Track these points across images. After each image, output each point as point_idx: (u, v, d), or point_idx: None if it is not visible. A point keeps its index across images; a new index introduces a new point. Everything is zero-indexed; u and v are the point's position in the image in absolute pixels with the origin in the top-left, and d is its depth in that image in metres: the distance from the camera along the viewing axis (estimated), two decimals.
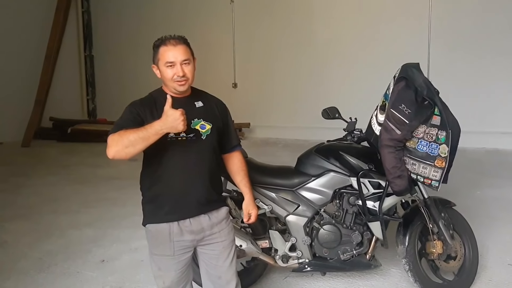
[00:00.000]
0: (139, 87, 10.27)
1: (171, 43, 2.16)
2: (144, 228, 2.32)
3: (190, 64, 2.19)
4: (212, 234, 2.28)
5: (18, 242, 4.15)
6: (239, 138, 2.53)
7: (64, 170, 7.08)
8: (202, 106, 2.29)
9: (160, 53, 2.17)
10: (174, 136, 2.16)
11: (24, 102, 9.75)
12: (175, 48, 2.15)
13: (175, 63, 2.15)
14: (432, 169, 2.60)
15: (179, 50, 2.16)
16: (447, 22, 7.80)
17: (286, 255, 3.00)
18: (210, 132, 2.25)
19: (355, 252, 2.96)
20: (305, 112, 8.77)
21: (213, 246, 2.29)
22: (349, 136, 3.20)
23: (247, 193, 2.48)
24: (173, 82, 2.18)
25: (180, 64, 2.16)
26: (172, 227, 2.21)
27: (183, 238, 2.22)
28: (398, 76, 2.68)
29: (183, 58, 2.16)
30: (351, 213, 2.98)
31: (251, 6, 9.52)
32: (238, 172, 2.48)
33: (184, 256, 2.26)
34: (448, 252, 2.98)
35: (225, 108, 2.43)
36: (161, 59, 2.17)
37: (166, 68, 2.16)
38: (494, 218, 4.36)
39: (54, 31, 10.33)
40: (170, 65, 2.16)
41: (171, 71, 2.16)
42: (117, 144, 1.97)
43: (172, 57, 2.15)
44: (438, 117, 2.61)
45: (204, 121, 2.26)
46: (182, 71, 2.16)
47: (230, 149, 2.46)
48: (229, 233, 2.35)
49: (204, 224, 2.25)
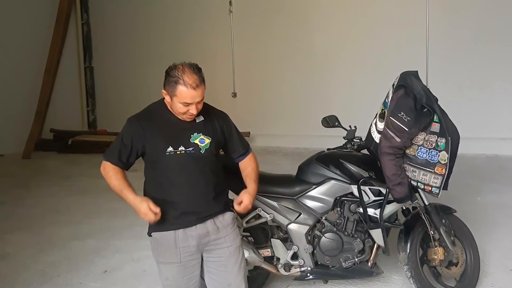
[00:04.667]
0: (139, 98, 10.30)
1: (192, 86, 2.14)
2: (147, 239, 2.35)
3: (202, 100, 2.24)
4: (218, 239, 2.30)
5: (20, 254, 4.15)
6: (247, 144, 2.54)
7: (65, 181, 7.08)
8: (202, 121, 2.33)
9: (178, 91, 2.15)
10: (172, 150, 2.22)
11: (24, 114, 9.76)
12: (195, 91, 2.16)
13: (191, 104, 2.19)
14: (432, 176, 2.62)
15: (198, 92, 2.17)
16: (445, 29, 7.84)
17: (288, 263, 3.00)
18: (209, 146, 2.29)
19: (357, 260, 2.97)
20: (304, 120, 8.78)
21: (219, 252, 2.31)
22: (349, 144, 3.22)
23: (250, 184, 2.43)
24: (182, 115, 2.24)
25: (195, 104, 2.20)
26: (178, 233, 2.24)
27: (188, 243, 2.24)
28: (397, 84, 2.71)
29: (200, 98, 2.20)
30: (352, 221, 2.99)
31: (249, 16, 9.56)
32: (245, 168, 2.50)
33: (191, 262, 2.28)
34: (449, 259, 2.98)
35: (227, 119, 2.46)
36: (179, 97, 2.17)
37: (181, 105, 2.19)
38: (495, 224, 4.37)
39: (54, 43, 10.37)
40: (186, 104, 2.19)
41: (185, 108, 2.20)
42: (105, 177, 2.30)
43: (190, 99, 2.17)
44: (438, 124, 2.63)
45: (204, 135, 2.29)
46: (196, 109, 2.21)
47: (238, 157, 2.49)
48: (234, 238, 2.37)
49: (210, 228, 2.28)
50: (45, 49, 10.26)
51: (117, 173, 2.27)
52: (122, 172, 2.30)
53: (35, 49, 10.13)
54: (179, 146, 2.22)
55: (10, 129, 9.40)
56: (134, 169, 2.26)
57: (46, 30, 10.33)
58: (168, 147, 2.21)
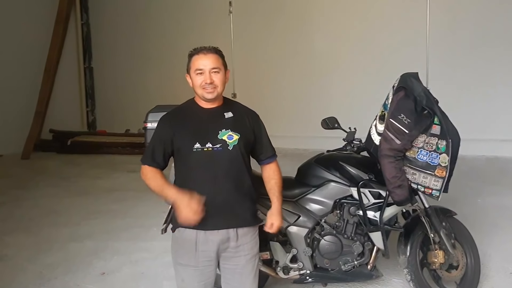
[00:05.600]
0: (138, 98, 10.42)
1: (203, 52, 2.26)
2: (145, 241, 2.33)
3: (219, 73, 2.25)
4: (237, 246, 2.28)
5: (17, 255, 4.13)
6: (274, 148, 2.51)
7: (64, 182, 7.06)
8: (232, 117, 2.31)
9: (192, 61, 2.27)
10: (200, 147, 2.21)
11: (24, 115, 9.74)
12: (206, 56, 2.24)
13: (204, 71, 2.23)
14: (433, 179, 2.60)
15: (209, 58, 2.24)
16: (446, 31, 7.82)
17: (287, 266, 2.98)
18: (237, 142, 2.25)
19: (357, 263, 2.95)
20: (304, 121, 8.76)
21: (237, 260, 2.29)
22: (349, 146, 3.20)
23: (275, 202, 2.44)
24: (201, 89, 2.24)
25: (209, 72, 2.22)
26: (199, 235, 2.23)
27: (208, 247, 2.23)
28: (397, 86, 2.69)
29: (212, 66, 2.23)
30: (352, 224, 2.97)
31: (249, 17, 9.55)
32: (268, 180, 2.47)
33: (208, 268, 2.27)
34: (450, 262, 2.96)
35: (257, 119, 2.45)
36: (192, 67, 2.26)
37: (196, 76, 2.25)
38: (495, 226, 4.35)
39: (54, 43, 10.36)
40: (199, 73, 2.24)
41: (200, 78, 2.23)
42: (145, 181, 2.30)
43: (202, 65, 2.23)
44: (438, 126, 2.61)
45: (232, 132, 2.27)
46: (210, 78, 2.22)
47: (264, 159, 2.46)
48: (253, 247, 2.35)
49: (231, 234, 2.26)
50: (44, 49, 10.25)
51: (155, 174, 2.28)
52: (160, 173, 2.31)
53: (34, 49, 10.12)
54: (206, 143, 2.21)
55: (9, 129, 9.38)
56: (132, 169, 2.24)
57: (46, 30, 10.32)
58: (195, 143, 2.21)
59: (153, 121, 3.00)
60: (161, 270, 3.72)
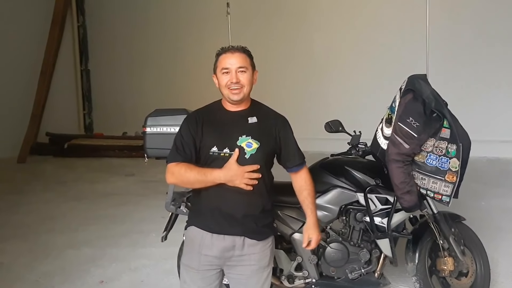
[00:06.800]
0: (135, 101, 10.33)
1: (230, 51, 2.19)
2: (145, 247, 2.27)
3: (246, 73, 2.18)
4: (242, 255, 2.18)
5: (14, 264, 4.03)
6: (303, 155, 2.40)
7: (61, 186, 6.96)
8: (256, 123, 2.21)
9: (219, 60, 2.20)
10: (217, 151, 2.13)
11: (20, 118, 9.65)
12: (233, 55, 2.17)
13: (230, 70, 2.15)
14: (443, 184, 2.52)
15: (236, 57, 2.17)
16: (446, 31, 7.76)
17: (292, 275, 2.89)
18: (255, 151, 2.15)
19: (364, 271, 2.85)
20: (304, 123, 8.64)
21: (241, 269, 2.20)
22: (354, 150, 3.11)
23: (309, 215, 2.35)
24: (227, 90, 2.16)
25: (235, 71, 2.14)
26: (205, 237, 2.16)
27: (211, 252, 2.16)
28: (405, 88, 2.61)
29: (239, 65, 2.16)
30: (358, 230, 2.88)
31: (247, 18, 9.47)
32: (300, 192, 2.38)
33: (209, 273, 2.19)
34: (459, 269, 2.88)
35: (285, 124, 2.33)
36: (219, 66, 2.19)
37: (222, 75, 2.17)
38: (501, 229, 4.27)
39: (50, 45, 10.27)
40: (226, 72, 2.16)
41: (226, 77, 2.15)
42: (177, 178, 2.15)
43: (228, 64, 2.15)
44: (447, 129, 2.53)
45: (252, 139, 2.16)
46: (236, 78, 2.14)
47: (292, 167, 2.36)
48: (261, 259, 2.23)
49: (238, 242, 2.17)
50: (40, 52, 10.16)
51: (188, 165, 2.13)
52: (193, 164, 2.15)
53: (30, 51, 10.03)
54: (224, 148, 2.13)
55: (5, 133, 9.29)
56: (130, 173, 2.14)
57: (42, 32, 10.24)
58: (213, 146, 2.13)
59: (152, 125, 2.92)
60: (161, 278, 3.64)
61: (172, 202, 2.90)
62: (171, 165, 2.15)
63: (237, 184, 2.08)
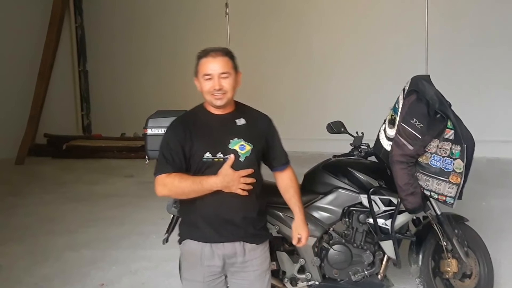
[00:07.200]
0: (134, 101, 10.30)
1: (211, 55, 2.11)
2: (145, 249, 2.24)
3: (229, 78, 2.11)
4: (245, 262, 2.16)
5: (12, 266, 3.99)
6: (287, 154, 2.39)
7: (60, 188, 6.91)
8: (244, 124, 2.18)
9: (200, 65, 2.13)
10: (210, 157, 2.08)
11: (18, 119, 9.59)
12: (214, 60, 2.09)
13: (212, 76, 2.08)
14: (447, 186, 2.50)
15: (218, 62, 2.09)
16: (445, 31, 7.76)
17: (294, 277, 2.87)
18: (250, 153, 2.12)
19: (367, 273, 2.84)
20: (303, 124, 8.68)
21: (244, 275, 2.18)
22: (356, 151, 3.09)
23: (297, 213, 2.34)
24: (210, 96, 2.11)
25: (218, 77, 2.08)
26: (204, 249, 2.12)
27: (214, 262, 2.12)
28: (409, 89, 2.59)
29: (221, 71, 2.09)
30: (361, 232, 2.86)
31: (246, 18, 9.45)
32: (286, 190, 2.36)
33: (214, 282, 2.16)
34: (463, 271, 2.87)
35: (270, 124, 2.32)
36: (200, 71, 2.12)
37: (205, 81, 2.11)
38: (502, 231, 4.25)
39: (48, 46, 10.21)
40: (208, 78, 2.09)
41: (209, 83, 2.09)
42: (170, 190, 2.07)
43: (210, 69, 2.09)
44: (451, 130, 2.52)
45: (245, 141, 2.14)
46: (219, 85, 2.07)
47: (277, 167, 2.34)
48: (262, 263, 2.22)
49: (238, 249, 2.14)
50: (38, 53, 10.09)
51: (180, 176, 2.06)
52: (184, 173, 2.10)
53: (28, 52, 9.97)
54: (217, 153, 2.08)
55: (3, 134, 9.21)
56: (129, 174, 2.10)
57: (39, 33, 10.17)
58: (205, 152, 2.08)
59: (153, 127, 2.89)
60: (162, 280, 3.61)
61: (174, 204, 2.88)
62: (161, 177, 2.07)
63: (234, 190, 2.05)
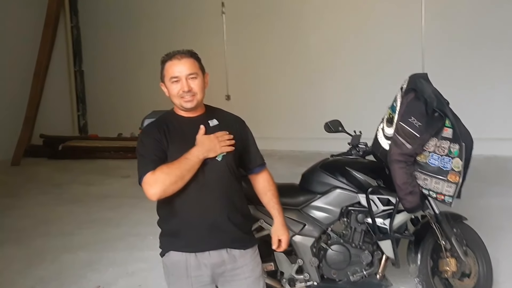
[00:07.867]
0: (130, 101, 10.26)
1: (176, 57, 2.06)
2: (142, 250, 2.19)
3: (197, 79, 2.07)
4: (235, 269, 2.09)
5: (8, 269, 3.96)
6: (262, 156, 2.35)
7: (56, 189, 6.88)
8: (217, 125, 2.13)
9: (166, 68, 2.08)
10: None
11: (13, 120, 9.54)
12: (180, 62, 2.05)
13: (180, 78, 2.04)
14: (445, 184, 2.48)
15: (185, 64, 2.05)
16: (441, 29, 7.75)
17: (292, 278, 2.84)
18: (226, 152, 2.08)
19: (366, 273, 2.81)
20: (300, 123, 8.66)
21: (236, 284, 2.11)
22: (354, 150, 3.07)
23: (277, 216, 2.30)
24: (179, 99, 2.06)
25: (185, 79, 2.03)
26: (189, 259, 2.04)
27: (202, 272, 2.05)
28: (407, 87, 2.57)
29: (188, 72, 2.04)
30: (360, 232, 2.84)
31: (242, 17, 9.43)
32: (264, 193, 2.32)
33: None
34: (462, 270, 2.85)
35: (244, 125, 2.28)
36: (166, 75, 2.07)
37: (172, 84, 2.06)
38: (501, 229, 4.23)
39: (43, 47, 10.17)
40: (175, 81, 2.05)
41: (176, 86, 2.05)
42: (164, 182, 1.91)
43: (177, 72, 2.04)
44: (449, 129, 2.50)
45: None
46: (187, 86, 2.03)
47: (253, 169, 2.30)
48: (254, 269, 2.15)
49: (225, 256, 2.07)
50: (33, 53, 10.05)
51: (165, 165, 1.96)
52: None
53: (23, 53, 9.92)
54: None
55: None
56: (126, 174, 2.06)
57: (35, 33, 10.13)
58: (180, 156, 1.99)
59: None
60: (159, 282, 3.56)
61: None
62: (147, 176, 1.93)
63: (220, 150, 2.01)
